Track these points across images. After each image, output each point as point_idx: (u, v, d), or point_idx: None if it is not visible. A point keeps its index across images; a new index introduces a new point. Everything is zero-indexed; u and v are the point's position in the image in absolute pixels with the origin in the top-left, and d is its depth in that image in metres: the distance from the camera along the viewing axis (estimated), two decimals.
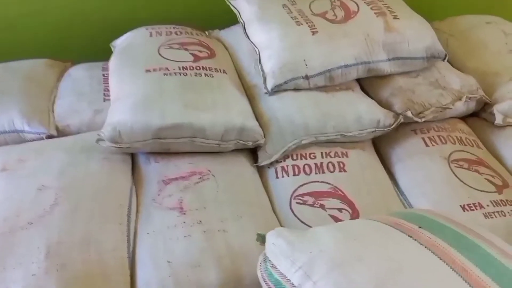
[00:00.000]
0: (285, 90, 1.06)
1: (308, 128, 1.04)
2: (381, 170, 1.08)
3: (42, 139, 1.03)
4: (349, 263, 0.62)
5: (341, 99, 1.09)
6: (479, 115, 1.25)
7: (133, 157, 1.01)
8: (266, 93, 1.06)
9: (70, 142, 0.97)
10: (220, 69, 1.09)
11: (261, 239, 0.72)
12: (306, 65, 1.06)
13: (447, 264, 0.61)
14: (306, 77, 1.06)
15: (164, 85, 0.99)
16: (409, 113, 1.08)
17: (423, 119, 1.10)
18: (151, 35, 1.19)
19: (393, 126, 1.08)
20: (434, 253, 0.63)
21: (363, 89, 1.21)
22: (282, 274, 0.65)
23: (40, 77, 1.19)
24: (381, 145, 1.16)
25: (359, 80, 1.20)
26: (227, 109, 0.98)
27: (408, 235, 0.67)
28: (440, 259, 0.62)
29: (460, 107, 1.18)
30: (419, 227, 0.69)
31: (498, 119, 1.17)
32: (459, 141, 1.14)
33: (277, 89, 1.06)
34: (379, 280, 0.59)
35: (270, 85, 1.05)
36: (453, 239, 0.67)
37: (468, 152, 1.11)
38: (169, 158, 0.98)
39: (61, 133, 1.07)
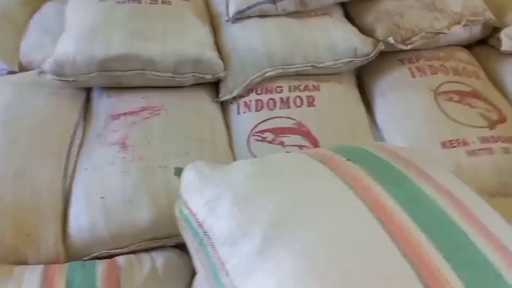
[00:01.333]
0: (250, 17, 0.97)
1: (272, 59, 0.94)
2: (358, 105, 0.97)
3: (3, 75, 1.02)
4: (253, 198, 0.55)
5: (313, 26, 0.97)
6: (487, 42, 1.09)
7: (89, 92, 0.98)
8: (228, 20, 0.97)
9: (21, 77, 0.94)
10: None
11: (179, 173, 0.66)
12: None
13: (362, 200, 0.53)
14: (273, 1, 0.95)
15: (114, 14, 0.92)
16: (391, 39, 0.95)
17: (409, 46, 0.96)
18: None
19: (372, 55, 0.95)
20: (350, 187, 0.54)
21: (348, 15, 1.08)
22: (190, 209, 0.60)
23: (12, 14, 1.16)
24: (365, 77, 1.04)
25: (344, 5, 1.08)
26: (180, 39, 0.90)
27: (330, 169, 0.58)
28: (356, 194, 0.53)
29: (460, 32, 1.02)
30: (347, 159, 0.61)
31: (505, 45, 1.00)
32: (454, 71, 0.99)
33: (240, 16, 0.96)
34: (280, 215, 0.52)
35: (231, 11, 0.95)
36: (384, 174, 0.58)
37: (463, 83, 0.97)
38: (122, 93, 0.93)
39: (24, 69, 1.05)
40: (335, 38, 0.96)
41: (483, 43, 1.10)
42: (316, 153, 0.63)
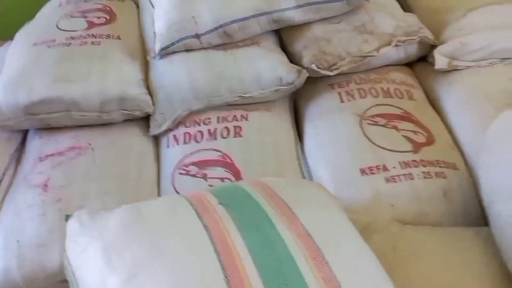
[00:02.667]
0: (176, 52, 0.98)
1: (198, 93, 0.95)
2: (288, 132, 0.96)
3: None
4: (117, 250, 0.56)
5: (239, 57, 0.97)
6: (427, 59, 1.07)
7: (26, 134, 1.01)
8: (154, 57, 0.99)
9: None
10: (113, 35, 1.02)
11: (67, 220, 0.68)
12: (196, 22, 0.95)
13: (215, 251, 0.53)
14: (197, 36, 0.96)
15: (41, 59, 0.96)
16: (313, 66, 0.94)
17: (335, 72, 0.96)
18: (60, 4, 1.15)
19: (297, 82, 0.95)
20: (208, 235, 0.55)
21: (282, 41, 1.09)
22: (68, 258, 0.61)
23: None
24: (300, 102, 1.04)
25: (278, 31, 1.09)
26: (103, 78, 0.92)
27: (197, 214, 0.59)
28: (212, 243, 0.54)
29: (393, 53, 1.01)
30: (219, 203, 0.61)
31: (439, 63, 0.98)
32: (385, 93, 0.97)
33: (166, 52, 0.97)
34: (136, 269, 0.53)
35: (157, 47, 0.97)
36: (248, 217, 0.58)
37: (392, 105, 0.95)
38: (53, 133, 0.95)
39: None
40: (261, 69, 0.95)
41: (424, 61, 1.09)
42: (192, 196, 0.63)
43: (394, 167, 0.84)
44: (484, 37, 0.98)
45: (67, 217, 0.66)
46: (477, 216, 0.82)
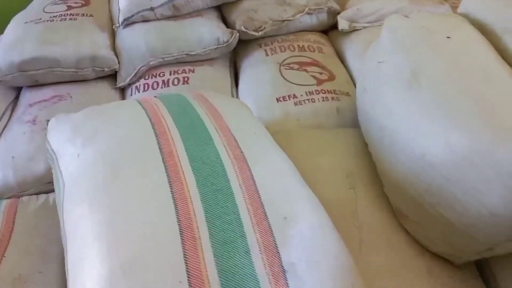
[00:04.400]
0: (135, 22, 1.25)
1: (153, 52, 1.22)
2: (225, 81, 1.23)
3: None
4: (79, 124, 0.80)
5: (186, 25, 1.25)
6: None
7: (19, 91, 1.26)
8: (118, 26, 1.26)
9: None
10: (87, 14, 1.30)
11: None
12: None
13: (152, 127, 0.75)
14: (151, 9, 1.24)
15: (30, 30, 1.23)
16: (242, 28, 1.22)
17: (260, 33, 1.24)
18: None
19: (231, 41, 1.22)
20: (148, 117, 0.78)
21: (223, 16, 1.36)
22: (48, 141, 0.85)
23: None
24: (237, 60, 1.32)
25: (220, 8, 1.36)
26: (78, 42, 1.19)
27: (140, 103, 0.83)
28: (150, 121, 0.76)
29: (307, 19, 1.30)
30: (155, 96, 0.86)
31: (341, 25, 1.27)
32: (300, 48, 1.25)
33: (127, 22, 1.24)
34: (94, 131, 0.77)
35: (120, 19, 1.24)
36: (179, 108, 0.81)
37: (305, 56, 1.23)
38: (40, 88, 1.21)
39: None
40: (202, 32, 1.23)
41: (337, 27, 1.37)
42: (143, 99, 0.88)
43: (301, 95, 1.11)
44: (375, 4, 1.27)
45: None
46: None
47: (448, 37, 0.77)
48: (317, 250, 0.59)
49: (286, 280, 0.54)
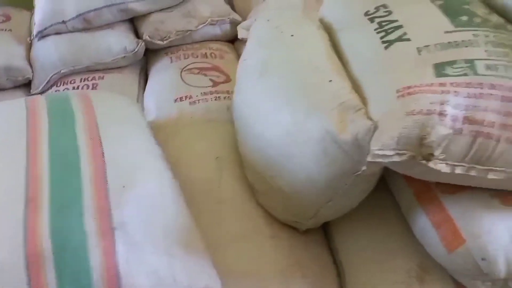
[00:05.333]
0: (49, 35, 1.35)
1: (65, 61, 1.31)
2: (132, 86, 1.33)
3: None
4: None
5: (96, 36, 1.35)
6: None
7: None
8: (32, 39, 1.35)
9: None
10: (5, 29, 1.40)
11: None
12: (63, 12, 1.33)
13: (27, 120, 0.83)
14: (63, 22, 1.34)
15: None
16: (148, 38, 1.34)
17: (165, 42, 1.35)
18: None
19: (137, 50, 1.33)
20: (27, 111, 0.87)
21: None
22: None
23: None
24: (148, 68, 1.42)
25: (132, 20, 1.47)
26: None
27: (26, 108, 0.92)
28: (27, 114, 0.86)
29: (210, 30, 1.41)
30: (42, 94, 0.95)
31: (240, 34, 1.39)
32: (203, 55, 1.37)
33: (41, 35, 1.34)
34: None
35: (34, 32, 1.34)
36: (57, 111, 0.89)
37: (206, 62, 1.35)
38: None
39: None
40: (111, 42, 1.34)
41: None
42: (30, 97, 0.96)
43: (196, 96, 1.22)
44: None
45: None
46: None
47: (292, 35, 0.89)
48: (153, 211, 0.69)
49: (114, 236, 0.63)
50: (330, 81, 0.75)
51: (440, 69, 0.66)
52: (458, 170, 0.63)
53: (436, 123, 0.60)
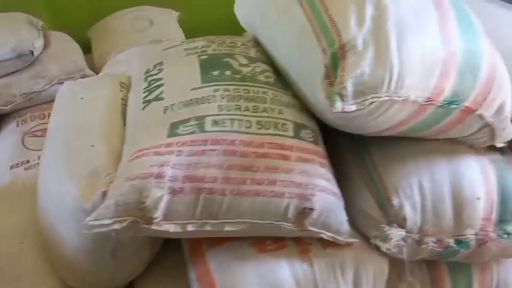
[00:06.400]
0: None
1: None
2: None
3: None
4: None
5: None
6: None
7: None
8: None
9: None
10: None
11: None
12: None
13: None
14: None
15: None
16: None
17: (9, 106, 1.34)
18: None
19: None
20: None
21: None
22: None
23: None
24: None
25: None
26: None
27: None
28: None
29: (59, 88, 1.39)
30: None
31: None
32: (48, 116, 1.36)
33: None
34: None
35: None
36: None
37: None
38: None
39: None
40: None
41: None
42: None
43: (33, 160, 1.20)
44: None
45: None
46: None
47: (82, 98, 0.90)
48: None
49: None
50: (92, 145, 0.76)
51: (173, 128, 0.68)
52: (190, 228, 0.64)
53: (152, 186, 0.62)
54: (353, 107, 0.61)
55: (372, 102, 0.62)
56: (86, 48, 1.70)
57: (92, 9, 1.77)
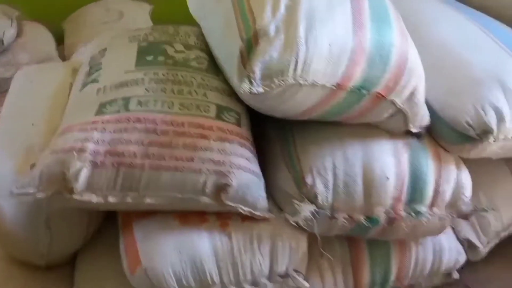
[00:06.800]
0: None
1: None
2: None
3: None
4: None
5: None
6: None
7: None
8: None
9: None
10: None
11: None
12: None
13: None
14: None
15: None
16: None
17: None
18: None
19: None
20: None
21: None
22: None
23: None
24: None
25: None
26: None
27: None
28: None
29: None
30: None
31: None
32: None
33: None
34: None
35: None
36: None
37: None
38: None
39: None
40: None
41: None
42: None
43: None
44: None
45: None
46: None
47: (31, 82, 0.95)
48: None
49: None
50: (33, 124, 0.81)
51: (101, 108, 0.73)
52: (111, 199, 0.69)
53: (74, 159, 0.66)
54: (261, 89, 0.66)
55: (279, 85, 0.67)
56: (62, 39, 1.77)
57: (68, 0, 1.83)
